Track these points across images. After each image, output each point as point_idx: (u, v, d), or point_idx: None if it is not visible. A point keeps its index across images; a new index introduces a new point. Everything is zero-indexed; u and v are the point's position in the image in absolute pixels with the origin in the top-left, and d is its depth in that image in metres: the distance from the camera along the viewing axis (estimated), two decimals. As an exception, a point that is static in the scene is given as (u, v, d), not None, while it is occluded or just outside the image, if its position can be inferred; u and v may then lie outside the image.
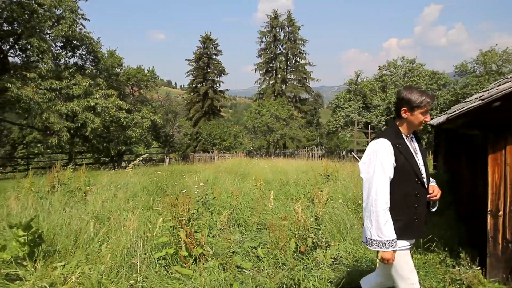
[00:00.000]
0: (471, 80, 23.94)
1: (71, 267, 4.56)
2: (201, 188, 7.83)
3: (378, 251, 3.01)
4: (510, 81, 4.25)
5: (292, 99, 42.69)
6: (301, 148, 35.06)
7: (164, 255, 4.91)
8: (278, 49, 43.06)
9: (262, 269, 4.94)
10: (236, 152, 33.55)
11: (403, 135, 3.11)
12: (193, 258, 4.89)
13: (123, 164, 24.72)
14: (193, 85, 45.85)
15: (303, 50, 42.87)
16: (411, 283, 3.12)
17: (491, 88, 5.21)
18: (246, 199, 8.09)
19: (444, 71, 28.22)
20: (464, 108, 3.98)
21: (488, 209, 4.43)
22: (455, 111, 4.86)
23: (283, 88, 42.75)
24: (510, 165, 4.30)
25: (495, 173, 4.36)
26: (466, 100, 8.32)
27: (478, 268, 4.47)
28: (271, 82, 43.20)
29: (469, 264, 4.60)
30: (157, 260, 4.84)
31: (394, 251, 2.98)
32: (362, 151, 22.91)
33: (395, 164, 3.00)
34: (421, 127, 3.13)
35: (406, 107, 3.07)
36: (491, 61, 23.70)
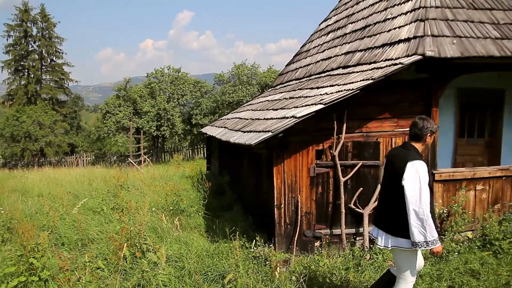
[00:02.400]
0: (228, 88, 27.99)
1: None
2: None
3: (429, 249, 3.78)
4: (284, 118, 6.36)
5: (49, 101, 39.51)
6: (63, 154, 33.53)
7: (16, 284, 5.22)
8: (30, 46, 38.79)
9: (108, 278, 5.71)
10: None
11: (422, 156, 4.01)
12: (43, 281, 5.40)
13: None
14: None
15: (60, 49, 40.24)
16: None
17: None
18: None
19: (199, 73, 32.06)
20: (261, 138, 5.83)
21: (275, 204, 6.48)
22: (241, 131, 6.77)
23: (38, 89, 39.11)
24: (287, 173, 6.43)
25: (278, 179, 6.43)
26: (222, 118, 10.52)
27: (271, 246, 6.47)
28: (23, 82, 38.55)
29: (263, 244, 6.55)
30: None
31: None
32: (137, 156, 23.95)
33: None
34: None
35: (430, 133, 3.99)
36: (243, 73, 28.32)
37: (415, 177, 3.76)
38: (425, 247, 3.76)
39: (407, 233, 3.82)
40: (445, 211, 6.91)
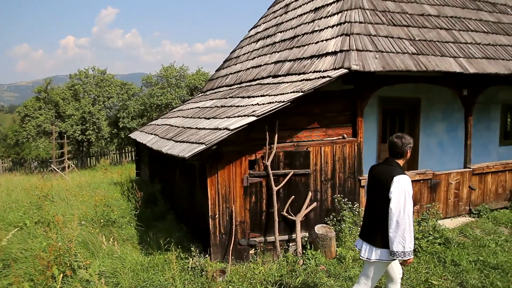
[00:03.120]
0: (156, 91, 27.40)
1: None
2: None
3: (403, 259, 4.02)
4: (217, 129, 6.40)
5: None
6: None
7: None
8: None
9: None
10: None
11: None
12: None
13: None
14: None
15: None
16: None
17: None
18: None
19: (123, 73, 31.12)
20: (195, 151, 5.83)
21: (210, 214, 6.50)
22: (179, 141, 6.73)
23: None
24: (220, 183, 6.48)
25: (212, 190, 6.46)
26: (151, 123, 10.39)
27: (206, 256, 6.48)
28: None
29: (199, 254, 6.55)
30: None
31: None
32: (60, 162, 22.76)
33: None
34: None
35: (409, 149, 4.19)
36: (172, 76, 27.88)
37: (401, 190, 3.95)
38: (402, 257, 3.97)
39: (388, 243, 4.03)
40: (370, 215, 7.32)
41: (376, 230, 4.18)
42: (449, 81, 8.34)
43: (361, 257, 4.33)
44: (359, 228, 4.76)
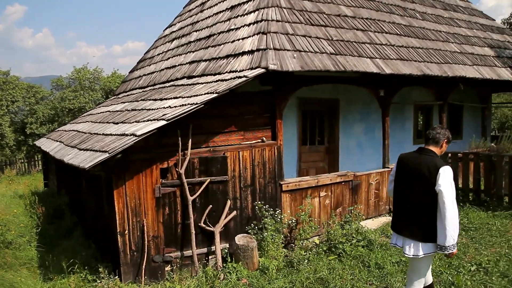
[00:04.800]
0: (68, 94, 25.53)
1: None
2: None
3: (450, 252, 3.84)
4: (124, 135, 5.74)
5: None
6: None
7: None
8: None
9: None
10: None
11: None
12: None
13: None
14: None
15: None
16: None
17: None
18: None
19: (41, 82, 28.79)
20: (96, 161, 5.14)
21: (118, 231, 5.80)
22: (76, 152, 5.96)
23: None
24: (129, 196, 5.81)
25: (120, 203, 5.77)
26: (59, 129, 9.40)
27: (116, 277, 5.78)
28: None
29: (108, 276, 5.84)
30: None
31: None
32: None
33: None
34: None
35: (447, 140, 4.09)
36: (85, 78, 26.15)
37: (448, 182, 3.81)
38: (452, 250, 3.83)
39: (435, 237, 3.88)
40: (293, 220, 7.04)
41: (419, 224, 4.00)
42: (366, 81, 8.35)
43: (405, 255, 4.11)
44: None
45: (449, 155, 9.55)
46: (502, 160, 8.41)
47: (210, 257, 6.52)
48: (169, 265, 6.22)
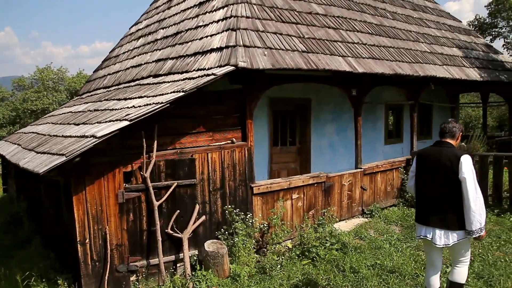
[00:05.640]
0: (30, 95, 24.49)
1: None
2: None
3: (478, 235, 4.02)
4: (83, 137, 5.35)
5: None
6: None
7: None
8: None
9: None
10: None
11: None
12: None
13: None
14: None
15: None
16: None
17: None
18: None
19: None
20: (51, 165, 4.73)
21: (78, 240, 5.39)
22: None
23: None
24: (90, 202, 5.41)
25: (80, 210, 5.36)
26: (19, 131, 8.84)
27: (76, 290, 5.38)
28: None
29: (67, 288, 5.43)
30: None
31: None
32: None
33: None
34: None
35: (461, 133, 4.33)
36: (48, 78, 25.15)
37: (470, 169, 4.02)
38: (479, 233, 4.02)
39: (463, 224, 4.06)
40: (265, 224, 6.77)
41: (448, 213, 4.14)
42: (338, 80, 8.18)
43: (436, 245, 4.21)
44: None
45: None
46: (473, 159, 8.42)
47: (178, 265, 6.18)
48: (134, 275, 5.84)
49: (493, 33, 20.47)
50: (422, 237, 4.34)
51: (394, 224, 8.19)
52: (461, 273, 4.34)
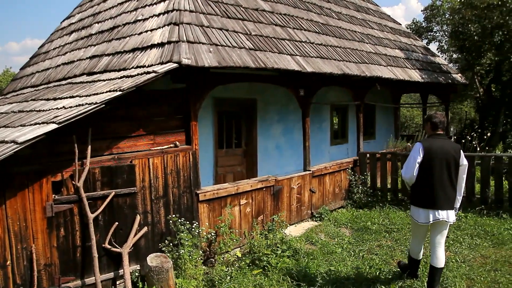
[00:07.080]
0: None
1: None
2: None
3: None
4: (3, 143, 4.64)
5: None
6: None
7: None
8: None
9: None
10: None
11: None
12: None
13: None
14: None
15: None
16: None
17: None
18: None
19: None
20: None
21: (-3, 261, 4.68)
22: None
23: None
24: (11, 218, 4.71)
25: (-1, 227, 4.66)
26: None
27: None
28: None
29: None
30: None
31: None
32: None
33: None
34: None
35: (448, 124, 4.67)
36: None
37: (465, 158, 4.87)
38: (459, 210, 5.45)
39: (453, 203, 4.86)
40: (212, 233, 6.32)
41: (454, 196, 4.82)
42: (285, 80, 7.90)
43: (450, 222, 4.79)
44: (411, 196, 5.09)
45: (368, 155, 9.49)
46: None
47: (118, 282, 5.59)
48: (67, 297, 5.20)
49: (429, 36, 21.29)
50: (435, 220, 4.73)
51: (344, 226, 8.05)
52: (443, 256, 4.84)
